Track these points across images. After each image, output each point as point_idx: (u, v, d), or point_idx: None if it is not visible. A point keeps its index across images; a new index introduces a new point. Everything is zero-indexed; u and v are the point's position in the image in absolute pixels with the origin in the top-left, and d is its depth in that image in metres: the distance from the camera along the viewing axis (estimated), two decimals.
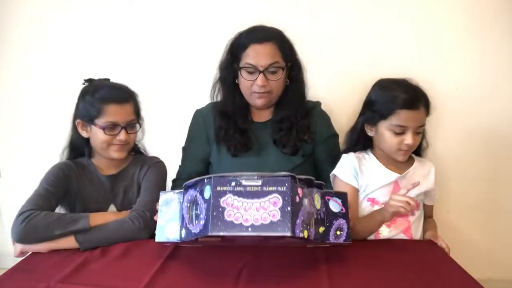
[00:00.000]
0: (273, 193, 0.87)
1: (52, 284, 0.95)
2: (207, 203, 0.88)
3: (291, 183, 0.88)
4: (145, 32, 1.81)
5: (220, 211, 0.86)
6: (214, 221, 0.85)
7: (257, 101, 1.35)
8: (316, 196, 1.00)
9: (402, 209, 1.09)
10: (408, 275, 0.99)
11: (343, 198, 1.05)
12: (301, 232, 0.87)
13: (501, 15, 1.66)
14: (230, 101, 1.40)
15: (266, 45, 1.30)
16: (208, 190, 0.89)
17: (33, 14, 1.85)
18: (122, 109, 1.27)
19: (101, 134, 1.26)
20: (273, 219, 0.85)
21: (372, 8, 1.70)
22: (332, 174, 1.31)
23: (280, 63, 1.31)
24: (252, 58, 1.30)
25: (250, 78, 1.32)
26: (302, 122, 1.40)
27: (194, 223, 0.92)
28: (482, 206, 1.81)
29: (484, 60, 1.69)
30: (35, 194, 1.22)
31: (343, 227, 1.02)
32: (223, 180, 0.89)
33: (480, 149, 1.77)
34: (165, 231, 1.00)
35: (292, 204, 0.86)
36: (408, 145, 1.19)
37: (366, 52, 1.71)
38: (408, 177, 1.26)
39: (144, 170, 1.35)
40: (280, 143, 1.39)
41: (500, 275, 1.79)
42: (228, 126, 1.40)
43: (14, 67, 1.92)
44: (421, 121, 1.19)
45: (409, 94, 1.18)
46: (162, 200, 1.03)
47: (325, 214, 1.01)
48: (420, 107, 1.18)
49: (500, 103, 1.72)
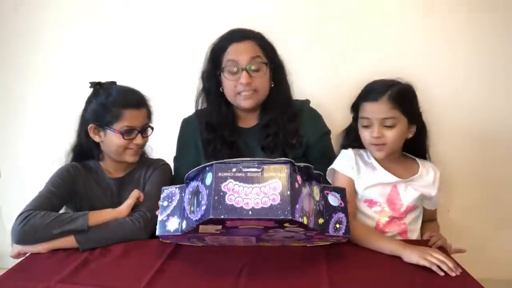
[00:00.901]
0: (273, 178, 0.89)
1: (52, 284, 0.95)
2: (208, 189, 0.90)
3: (290, 169, 0.90)
4: (144, 33, 1.81)
5: (221, 195, 0.87)
6: (216, 205, 0.86)
7: (244, 103, 1.32)
8: (315, 188, 1.01)
9: (435, 266, 0.99)
10: (408, 275, 0.99)
11: (341, 193, 1.06)
12: (300, 217, 0.88)
13: (501, 15, 1.66)
14: (215, 112, 1.37)
15: (246, 43, 1.30)
16: (210, 177, 0.91)
17: (33, 15, 1.86)
18: (139, 114, 1.28)
19: (117, 139, 1.26)
20: (273, 202, 0.86)
21: (371, 8, 1.70)
22: (331, 168, 1.30)
23: (262, 58, 1.30)
24: (232, 55, 1.28)
25: (233, 78, 1.29)
26: (289, 126, 1.38)
27: (196, 212, 0.93)
28: (482, 206, 1.81)
29: (484, 60, 1.69)
30: (38, 195, 1.22)
31: (342, 220, 1.02)
32: (224, 166, 0.91)
33: (480, 149, 1.77)
34: (166, 225, 1.00)
35: (292, 189, 0.88)
36: (375, 138, 1.19)
37: (365, 53, 1.71)
38: (409, 184, 1.24)
39: (149, 172, 1.36)
40: (268, 149, 1.37)
41: (500, 275, 1.79)
42: (215, 139, 1.37)
43: (14, 67, 1.92)
44: (385, 113, 1.17)
45: (372, 87, 1.21)
46: (164, 196, 1.04)
47: (324, 207, 1.02)
48: (381, 99, 1.17)
49: (500, 103, 1.72)
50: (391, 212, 1.24)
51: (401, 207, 1.24)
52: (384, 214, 1.24)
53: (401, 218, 1.25)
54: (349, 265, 1.02)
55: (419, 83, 1.25)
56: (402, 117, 1.18)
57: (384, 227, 1.24)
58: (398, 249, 1.06)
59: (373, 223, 1.25)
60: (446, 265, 0.98)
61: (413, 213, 1.27)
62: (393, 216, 1.24)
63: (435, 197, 1.28)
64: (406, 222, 1.26)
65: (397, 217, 1.24)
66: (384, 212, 1.24)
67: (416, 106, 1.24)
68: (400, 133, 1.19)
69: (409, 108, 1.20)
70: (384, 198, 1.24)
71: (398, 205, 1.24)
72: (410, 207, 1.24)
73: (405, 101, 1.18)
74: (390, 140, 1.19)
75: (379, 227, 1.24)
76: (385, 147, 1.20)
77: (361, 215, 1.26)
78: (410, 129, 1.23)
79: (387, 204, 1.24)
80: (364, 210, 1.26)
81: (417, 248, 1.05)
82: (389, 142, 1.19)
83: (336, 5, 1.70)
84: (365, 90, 1.24)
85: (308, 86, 1.54)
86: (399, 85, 1.20)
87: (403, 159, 1.30)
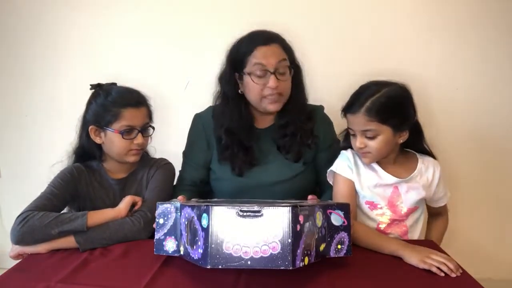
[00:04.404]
0: (273, 224, 0.83)
1: (52, 284, 0.95)
2: (205, 232, 0.85)
3: (292, 213, 0.84)
4: (144, 34, 1.81)
5: (218, 243, 0.82)
6: (213, 254, 0.82)
7: (270, 106, 1.30)
8: (318, 215, 0.95)
9: (434, 268, 0.98)
10: (407, 275, 0.99)
11: (345, 209, 1.01)
12: (301, 261, 0.85)
13: (501, 15, 1.66)
14: (236, 116, 1.35)
15: (273, 46, 1.28)
16: (206, 219, 0.85)
17: (34, 15, 1.86)
18: (139, 112, 1.28)
19: (118, 139, 1.26)
20: (273, 251, 0.82)
21: (372, 9, 1.70)
22: (330, 170, 1.30)
23: (287, 62, 1.30)
24: (260, 58, 1.26)
25: (260, 82, 1.27)
26: (306, 126, 1.38)
27: (192, 247, 0.90)
28: (482, 206, 1.81)
29: (484, 60, 1.70)
30: (39, 196, 1.22)
31: (344, 240, 0.99)
32: (221, 210, 0.84)
33: (480, 149, 1.77)
34: (164, 244, 0.99)
35: (293, 236, 0.82)
36: (358, 148, 1.19)
37: (365, 53, 1.71)
38: (410, 185, 1.23)
39: (152, 172, 1.36)
40: (284, 149, 1.38)
41: (500, 275, 1.79)
42: (233, 143, 1.36)
43: (14, 67, 1.92)
44: (363, 126, 1.15)
45: (354, 98, 1.19)
46: (159, 212, 1.01)
47: (327, 229, 0.98)
48: (358, 112, 1.14)
49: (500, 103, 1.73)
50: (392, 214, 1.24)
51: (402, 210, 1.24)
52: (385, 216, 1.24)
53: (402, 220, 1.25)
54: (349, 265, 1.02)
55: (419, 83, 1.25)
56: (384, 127, 1.15)
57: (385, 229, 1.24)
58: (398, 250, 1.06)
59: (374, 224, 1.25)
60: (446, 266, 0.98)
61: (414, 214, 1.27)
62: (394, 219, 1.24)
63: (437, 194, 1.28)
64: (408, 224, 1.26)
65: (398, 219, 1.24)
66: (385, 215, 1.24)
67: (405, 111, 1.18)
68: (383, 142, 1.17)
69: (392, 118, 1.15)
70: (385, 201, 1.24)
71: (399, 208, 1.24)
72: (411, 209, 1.24)
73: (386, 112, 1.14)
74: (373, 149, 1.18)
75: (380, 229, 1.24)
76: (370, 155, 1.20)
77: (363, 216, 1.27)
78: (400, 135, 1.19)
79: (388, 206, 1.24)
80: (366, 212, 1.26)
81: (418, 249, 1.05)
82: (373, 151, 1.19)
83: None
84: (349, 99, 1.20)
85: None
86: (384, 93, 1.15)
87: (403, 158, 1.29)
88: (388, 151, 1.22)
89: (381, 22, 1.70)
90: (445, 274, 0.97)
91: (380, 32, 1.70)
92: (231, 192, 1.37)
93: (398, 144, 1.23)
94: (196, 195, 1.42)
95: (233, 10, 1.74)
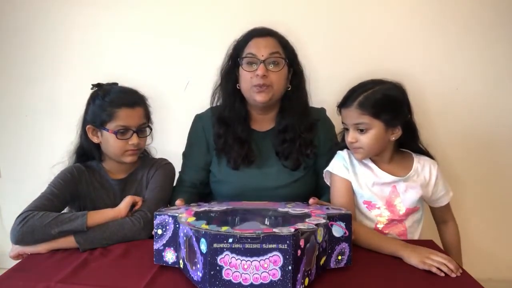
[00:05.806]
0: (274, 251, 0.82)
1: (52, 284, 0.95)
2: (203, 257, 0.84)
3: (292, 240, 0.82)
4: (144, 34, 1.81)
5: (217, 270, 0.82)
6: (212, 280, 0.82)
7: (257, 97, 1.30)
8: (319, 231, 0.93)
9: (434, 269, 0.99)
10: (408, 275, 0.99)
11: (347, 220, 0.99)
12: (302, 284, 0.86)
13: (501, 15, 1.66)
14: (229, 107, 1.37)
15: (267, 38, 1.32)
16: (204, 244, 0.84)
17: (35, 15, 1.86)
18: (134, 113, 1.27)
19: (113, 140, 1.26)
20: (273, 278, 0.82)
21: (373, 10, 1.70)
22: (327, 171, 1.30)
23: (281, 55, 1.30)
24: (252, 48, 1.30)
25: (250, 69, 1.29)
26: (306, 135, 1.38)
27: (192, 267, 0.90)
28: (482, 206, 1.81)
29: (484, 60, 1.70)
30: (39, 196, 1.22)
31: (345, 251, 0.99)
32: (220, 236, 0.83)
33: (480, 149, 1.77)
34: (163, 255, 1.00)
35: (294, 262, 0.82)
36: (349, 143, 1.21)
37: (365, 54, 1.71)
38: (408, 184, 1.23)
39: (152, 172, 1.36)
40: (283, 155, 1.37)
41: (500, 275, 1.79)
42: (227, 134, 1.37)
43: (14, 67, 1.92)
44: (355, 119, 1.18)
45: (346, 94, 1.22)
46: (158, 222, 1.00)
47: (327, 241, 0.97)
48: (351, 105, 1.18)
49: (500, 103, 1.73)
50: (390, 215, 1.24)
51: (400, 210, 1.23)
52: (383, 217, 1.24)
53: (401, 221, 1.25)
54: (349, 265, 1.02)
55: (419, 83, 1.25)
56: (376, 121, 1.17)
57: (383, 229, 1.24)
58: (398, 250, 1.06)
59: (372, 224, 1.25)
60: (446, 266, 0.98)
61: (414, 216, 1.26)
62: (392, 219, 1.24)
63: (436, 193, 1.27)
64: (407, 225, 1.25)
65: (397, 220, 1.24)
66: (383, 215, 1.24)
67: (398, 108, 1.19)
68: (375, 136, 1.18)
69: (384, 113, 1.16)
70: (383, 201, 1.23)
71: (397, 208, 1.23)
72: (410, 209, 1.24)
73: (378, 107, 1.16)
74: (364, 144, 1.19)
75: (378, 229, 1.24)
76: (362, 150, 1.21)
77: (361, 216, 1.26)
78: (393, 131, 1.20)
79: (385, 206, 1.24)
80: (364, 212, 1.26)
81: (417, 250, 1.05)
82: (364, 146, 1.19)
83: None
84: (344, 95, 1.23)
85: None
86: (378, 89, 1.17)
87: (399, 157, 1.28)
88: (380, 148, 1.22)
89: (381, 23, 1.71)
90: (445, 274, 0.98)
91: (380, 32, 1.71)
92: (231, 195, 1.37)
93: (391, 142, 1.23)
94: (196, 196, 1.42)
95: (233, 11, 1.75)
